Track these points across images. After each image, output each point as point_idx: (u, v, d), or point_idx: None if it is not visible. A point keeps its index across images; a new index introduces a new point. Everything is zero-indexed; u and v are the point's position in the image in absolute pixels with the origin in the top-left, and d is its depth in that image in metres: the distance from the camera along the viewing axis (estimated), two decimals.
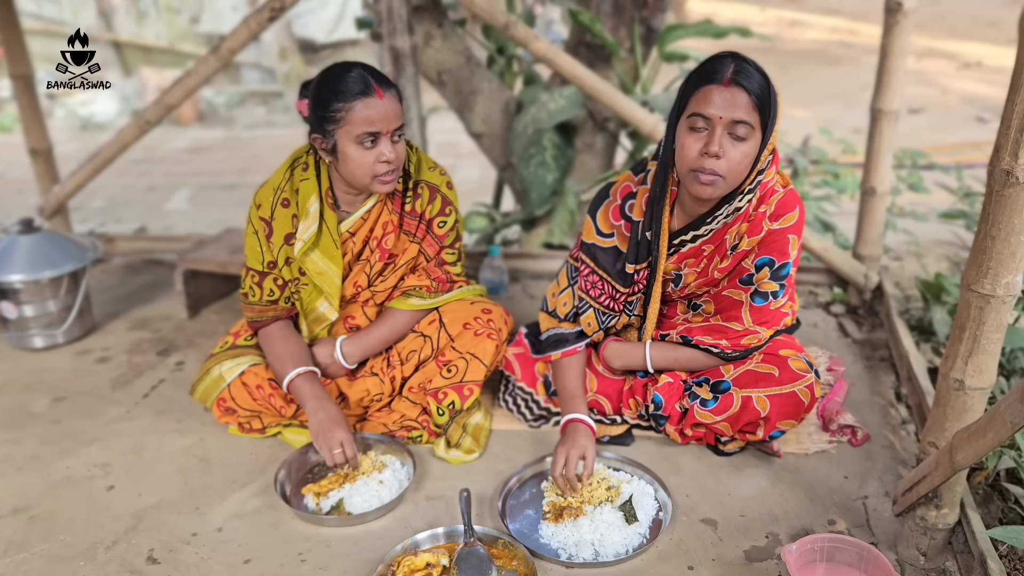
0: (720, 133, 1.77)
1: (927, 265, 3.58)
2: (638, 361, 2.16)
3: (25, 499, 2.03)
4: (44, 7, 9.13)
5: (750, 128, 1.77)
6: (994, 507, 1.99)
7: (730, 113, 1.75)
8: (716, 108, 1.76)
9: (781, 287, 1.97)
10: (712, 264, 2.00)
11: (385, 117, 1.95)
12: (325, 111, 1.96)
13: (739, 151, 1.78)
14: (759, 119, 1.77)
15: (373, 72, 1.99)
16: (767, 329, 2.01)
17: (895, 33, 2.60)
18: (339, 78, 1.96)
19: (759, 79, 1.77)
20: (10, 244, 2.79)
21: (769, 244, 1.94)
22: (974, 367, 1.56)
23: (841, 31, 11.99)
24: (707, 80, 1.78)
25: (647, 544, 1.81)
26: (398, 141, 2.02)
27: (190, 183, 6.28)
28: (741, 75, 1.76)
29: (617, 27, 3.61)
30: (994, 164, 1.41)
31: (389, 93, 1.97)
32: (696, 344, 2.07)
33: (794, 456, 2.13)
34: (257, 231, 2.15)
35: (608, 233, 2.07)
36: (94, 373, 2.67)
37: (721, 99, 1.76)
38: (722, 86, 1.76)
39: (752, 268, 1.96)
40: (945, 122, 7.13)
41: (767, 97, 1.77)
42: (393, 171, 2.02)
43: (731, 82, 1.75)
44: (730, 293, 2.03)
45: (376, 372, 2.26)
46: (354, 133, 1.95)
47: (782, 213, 1.93)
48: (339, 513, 1.95)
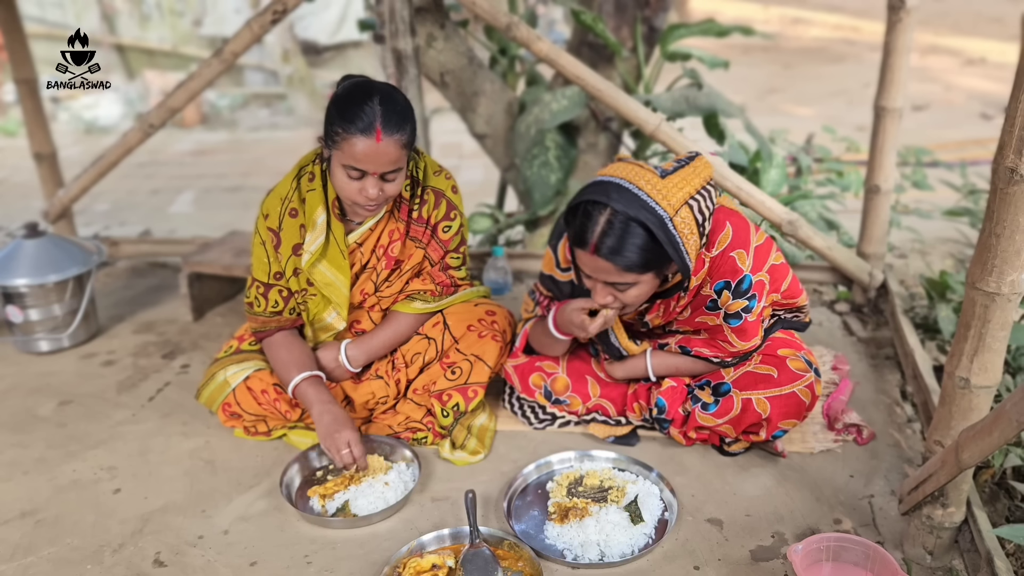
0: (601, 287, 1.78)
1: (932, 263, 3.57)
2: (640, 371, 2.16)
3: (32, 503, 2.03)
4: (48, 11, 9.15)
5: (629, 284, 1.76)
6: (1000, 505, 1.98)
7: (603, 277, 1.76)
8: (591, 271, 1.75)
9: (750, 300, 1.94)
10: (670, 307, 2.01)
11: (375, 160, 1.90)
12: (330, 127, 1.93)
13: (631, 294, 1.80)
14: (639, 274, 1.75)
15: (387, 110, 1.90)
16: (755, 339, 2.02)
17: (898, 30, 2.60)
18: (352, 103, 1.90)
19: (632, 238, 1.70)
20: (15, 248, 2.79)
21: (717, 270, 1.92)
22: (980, 365, 1.55)
23: (844, 28, 11.97)
24: (577, 241, 1.75)
25: (653, 544, 1.81)
26: (391, 180, 1.97)
27: (194, 186, 6.29)
28: (607, 241, 1.71)
29: (619, 27, 3.61)
30: (998, 161, 1.41)
31: (391, 137, 1.89)
32: (695, 355, 2.08)
33: (799, 455, 2.13)
34: (265, 241, 2.14)
35: (566, 267, 2.08)
36: (100, 376, 2.68)
37: (591, 266, 1.74)
38: (589, 253, 1.73)
39: (713, 294, 1.95)
40: (949, 119, 7.10)
41: (647, 251, 1.72)
42: (376, 205, 2.00)
43: (595, 251, 1.72)
44: (703, 319, 2.02)
45: (381, 375, 2.26)
46: (343, 161, 1.93)
47: (714, 239, 1.90)
48: (345, 515, 1.95)
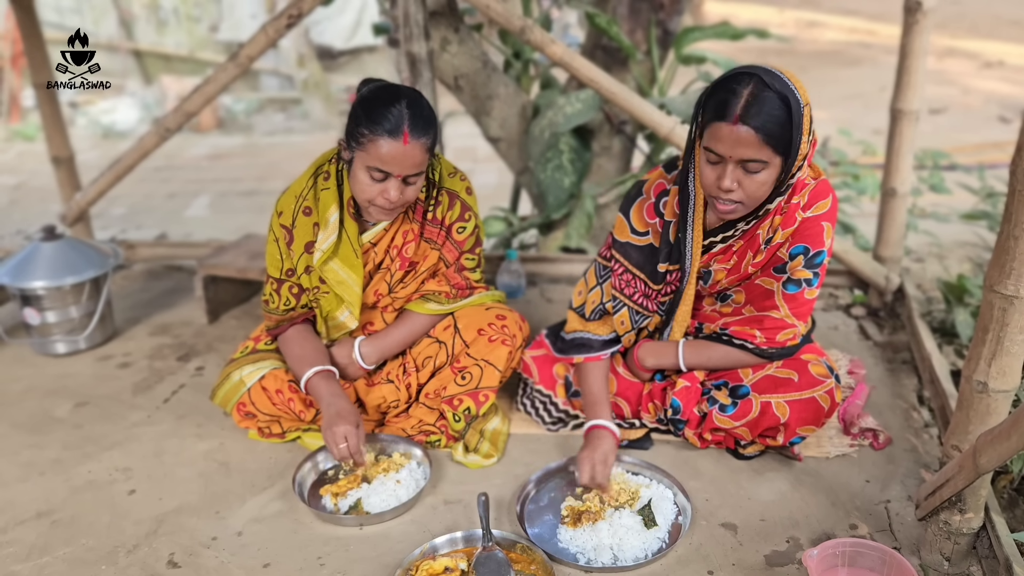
0: (732, 169, 1.75)
1: (949, 267, 3.54)
2: (670, 360, 2.14)
3: (48, 503, 2.05)
4: (66, 17, 9.26)
5: (763, 163, 1.74)
6: (1019, 511, 1.96)
7: (739, 153, 1.72)
8: (726, 147, 1.73)
9: (815, 275, 1.95)
10: (744, 260, 1.99)
11: (401, 162, 1.91)
12: (355, 128, 1.94)
13: (755, 181, 1.77)
14: (773, 151, 1.73)
15: (414, 113, 1.92)
16: (802, 323, 2.00)
17: (915, 32, 2.58)
18: (379, 105, 1.92)
19: (773, 111, 1.70)
20: (33, 251, 2.82)
21: (803, 232, 1.92)
22: (998, 369, 1.54)
23: (860, 31, 11.90)
24: (718, 115, 1.74)
25: (666, 549, 1.79)
26: (412, 183, 1.98)
27: (210, 190, 6.33)
28: (752, 111, 1.70)
29: (634, 30, 3.60)
30: (1017, 163, 1.39)
31: (418, 141, 1.91)
32: (732, 337, 2.05)
33: (815, 460, 2.11)
34: (278, 238, 2.16)
35: (643, 231, 2.05)
36: (115, 378, 2.70)
37: (731, 138, 1.72)
38: (731, 124, 1.71)
39: (786, 257, 1.95)
40: (967, 122, 7.05)
41: (784, 127, 1.72)
42: (392, 208, 2.00)
43: (739, 120, 1.70)
44: (762, 282, 2.00)
45: (392, 379, 2.26)
46: (367, 163, 1.93)
47: (815, 202, 1.91)
48: (357, 513, 1.96)
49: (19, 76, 8.54)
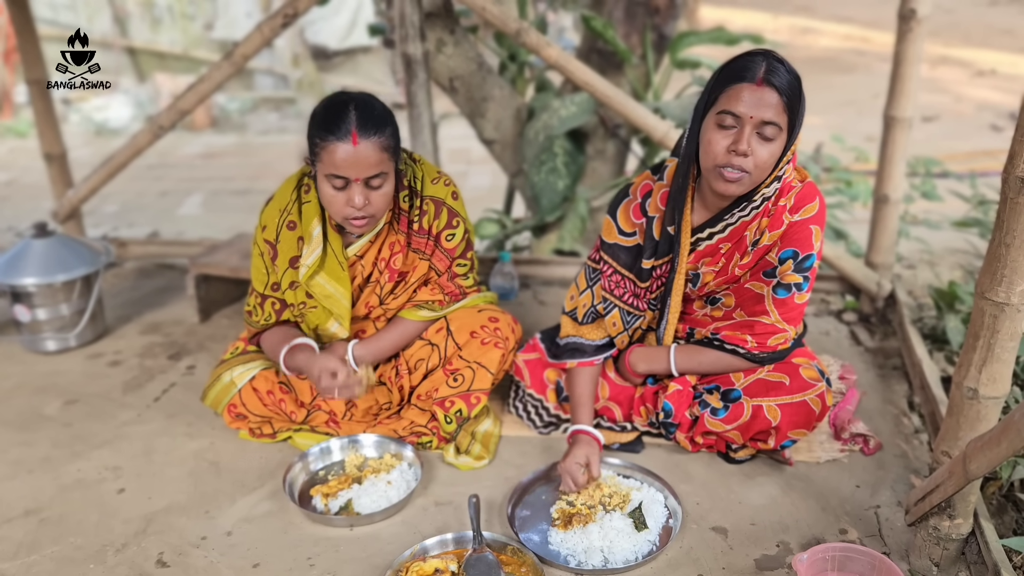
0: (749, 132, 1.76)
1: (940, 273, 3.55)
2: (662, 364, 2.14)
3: (36, 501, 2.04)
4: (60, 13, 9.21)
5: (778, 129, 1.76)
6: (1008, 517, 1.97)
7: (760, 113, 1.75)
8: (747, 107, 1.75)
9: (805, 279, 1.96)
10: (732, 262, 1.99)
11: (354, 165, 1.88)
12: (311, 140, 1.94)
13: (766, 150, 1.78)
14: (787, 120, 1.77)
15: (362, 114, 1.89)
16: (792, 327, 2.00)
17: (908, 40, 2.59)
18: (328, 112, 1.91)
19: (790, 80, 1.77)
20: (24, 248, 2.80)
21: (791, 236, 1.93)
22: (988, 376, 1.54)
23: (854, 39, 11.95)
24: (739, 78, 1.77)
25: (657, 551, 1.80)
26: (377, 187, 1.94)
27: (203, 188, 6.31)
28: (773, 75, 1.75)
29: (629, 34, 3.61)
30: (1008, 171, 1.40)
31: (368, 140, 1.88)
32: (723, 341, 2.06)
33: (805, 465, 2.12)
34: (262, 252, 2.15)
35: (630, 232, 2.06)
36: (106, 376, 2.68)
37: (752, 98, 1.75)
38: (754, 85, 1.75)
39: (776, 261, 1.96)
40: (959, 130, 7.08)
41: (797, 98, 1.77)
42: (364, 218, 1.96)
43: (763, 81, 1.74)
44: (752, 286, 2.01)
45: (384, 381, 2.26)
46: (325, 171, 1.92)
47: (802, 205, 1.93)
48: (347, 514, 1.95)
49: (12, 72, 8.50)
